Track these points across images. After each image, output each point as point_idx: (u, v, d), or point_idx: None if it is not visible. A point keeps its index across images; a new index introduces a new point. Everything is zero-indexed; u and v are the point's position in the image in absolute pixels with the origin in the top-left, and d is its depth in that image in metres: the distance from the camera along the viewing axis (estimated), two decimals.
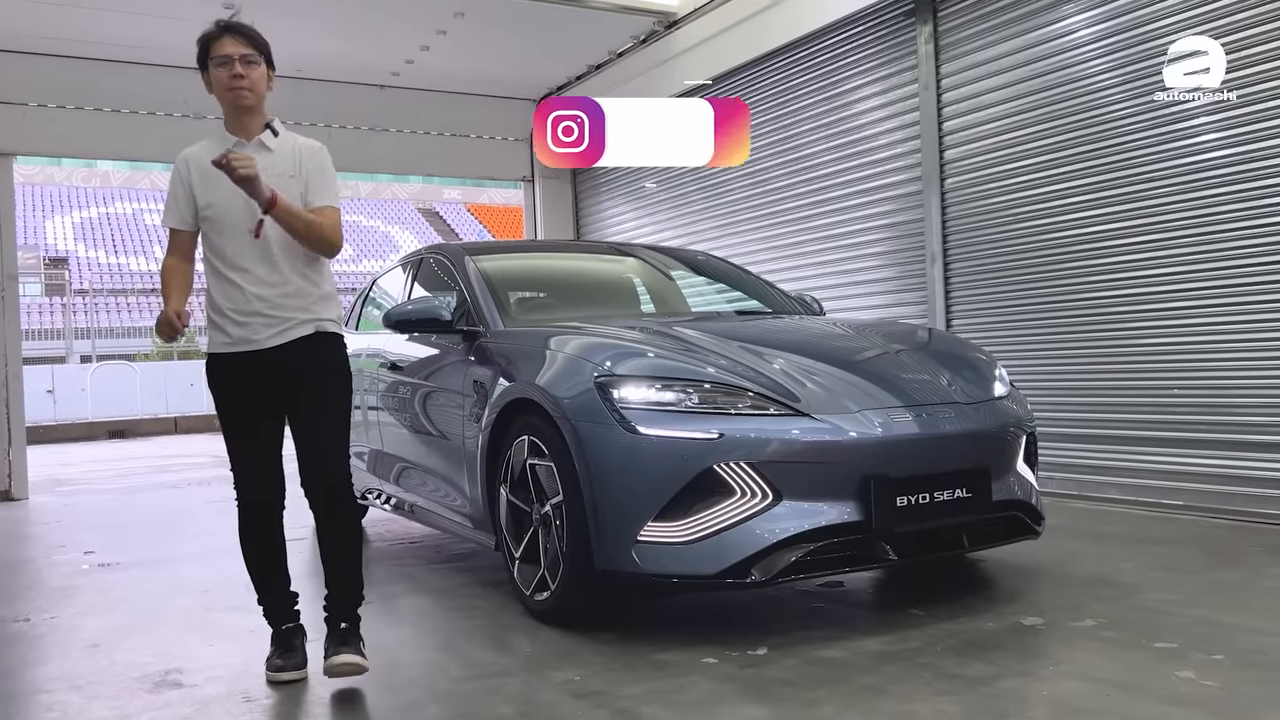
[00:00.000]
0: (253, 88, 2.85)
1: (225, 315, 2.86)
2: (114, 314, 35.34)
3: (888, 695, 2.51)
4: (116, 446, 14.54)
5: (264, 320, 2.85)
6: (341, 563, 2.94)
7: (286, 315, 2.86)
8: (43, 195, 43.39)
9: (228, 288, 2.86)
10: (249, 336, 2.84)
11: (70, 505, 7.42)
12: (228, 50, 2.84)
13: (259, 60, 2.87)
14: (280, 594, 2.98)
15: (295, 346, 2.87)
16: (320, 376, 2.91)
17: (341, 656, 2.76)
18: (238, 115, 2.90)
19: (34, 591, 4.37)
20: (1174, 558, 3.98)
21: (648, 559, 2.98)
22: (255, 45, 2.88)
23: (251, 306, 2.84)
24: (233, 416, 2.91)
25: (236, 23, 2.90)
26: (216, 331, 2.88)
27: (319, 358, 2.92)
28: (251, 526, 2.95)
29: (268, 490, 2.92)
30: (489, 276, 4.25)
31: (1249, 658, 2.70)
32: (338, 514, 2.92)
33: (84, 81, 7.99)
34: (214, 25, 2.90)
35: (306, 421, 2.91)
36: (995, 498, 3.27)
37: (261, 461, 2.91)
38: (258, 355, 2.85)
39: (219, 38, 2.86)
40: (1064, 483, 5.46)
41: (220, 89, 2.87)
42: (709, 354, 3.35)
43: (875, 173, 6.63)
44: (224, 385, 2.90)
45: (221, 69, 2.84)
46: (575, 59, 8.95)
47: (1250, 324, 4.66)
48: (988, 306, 5.92)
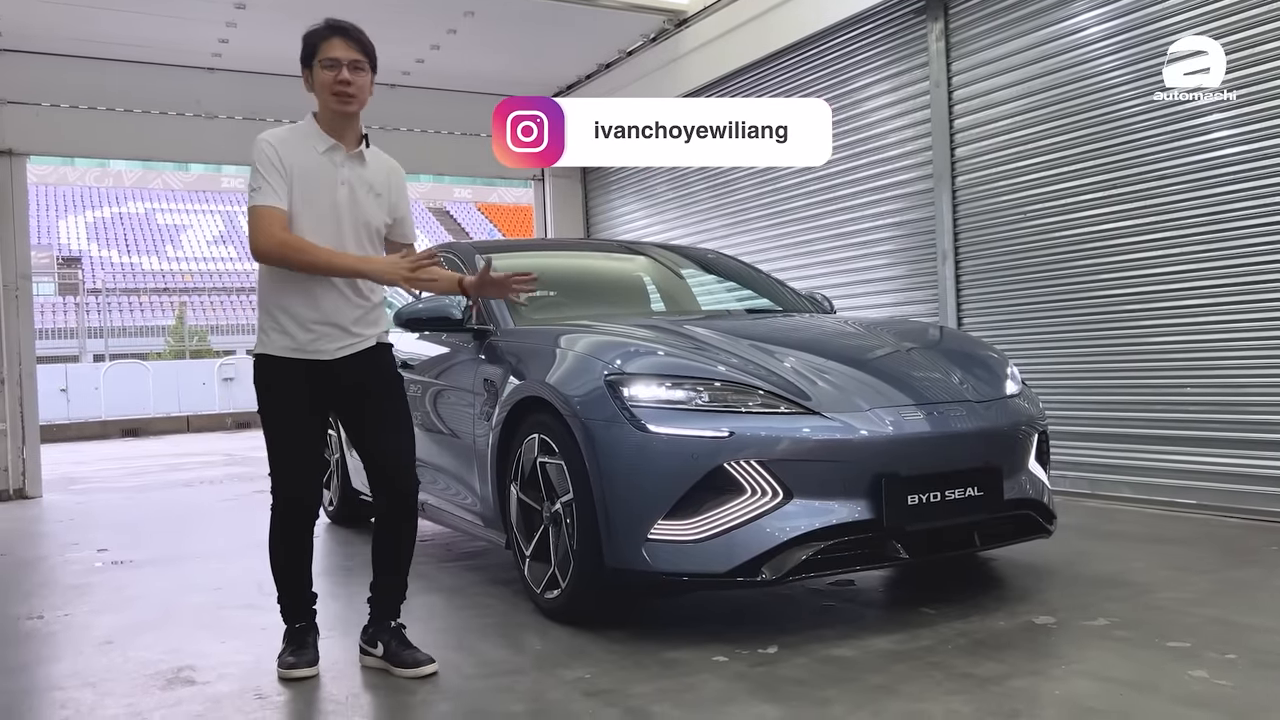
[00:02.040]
0: (358, 94, 2.83)
1: (293, 319, 2.81)
2: (127, 313, 35.54)
3: (899, 694, 2.51)
4: (129, 445, 14.61)
5: (337, 333, 2.84)
6: (405, 566, 3.02)
7: (358, 331, 2.88)
8: (56, 195, 43.65)
9: (301, 293, 2.80)
10: (317, 346, 2.83)
11: (84, 503, 7.45)
12: (337, 54, 2.80)
13: (366, 67, 2.85)
14: (301, 592, 2.99)
15: (358, 359, 2.89)
16: (386, 389, 2.96)
17: (425, 668, 2.83)
18: (337, 120, 2.85)
19: (48, 589, 4.40)
20: (1187, 557, 3.96)
21: (658, 557, 2.97)
22: (365, 51, 2.85)
23: (328, 318, 2.82)
24: (281, 418, 2.88)
25: (348, 24, 2.86)
26: (279, 334, 2.82)
27: (380, 369, 2.95)
28: (287, 526, 2.93)
29: (308, 491, 2.93)
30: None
31: (1262, 657, 2.69)
32: (412, 519, 3.00)
33: (96, 81, 8.02)
34: (324, 24, 2.85)
35: (381, 434, 2.94)
36: (1007, 496, 3.26)
37: (305, 463, 2.91)
38: (317, 364, 2.84)
39: (329, 38, 2.82)
40: (1076, 481, 5.43)
41: (324, 91, 2.82)
42: (719, 352, 3.34)
43: (886, 170, 6.61)
44: (277, 387, 2.86)
45: (328, 72, 2.80)
46: (586, 57, 8.95)
47: (1263, 321, 4.62)
48: (999, 304, 5.90)
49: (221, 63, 8.25)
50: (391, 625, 2.96)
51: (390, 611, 2.99)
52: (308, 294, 2.81)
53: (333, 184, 2.83)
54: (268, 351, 2.85)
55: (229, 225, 45.82)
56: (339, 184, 2.83)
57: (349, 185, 2.85)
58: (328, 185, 2.82)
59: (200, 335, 33.49)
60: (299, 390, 2.84)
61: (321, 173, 2.82)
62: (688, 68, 8.06)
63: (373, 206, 2.89)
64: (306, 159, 2.82)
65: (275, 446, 2.89)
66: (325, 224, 2.81)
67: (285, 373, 2.84)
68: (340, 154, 2.85)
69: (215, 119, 8.46)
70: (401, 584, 3.02)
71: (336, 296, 2.83)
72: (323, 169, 2.82)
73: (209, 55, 8.09)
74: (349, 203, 2.84)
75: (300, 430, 2.88)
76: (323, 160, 2.83)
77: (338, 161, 2.85)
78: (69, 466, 10.54)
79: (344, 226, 2.83)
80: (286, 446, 2.88)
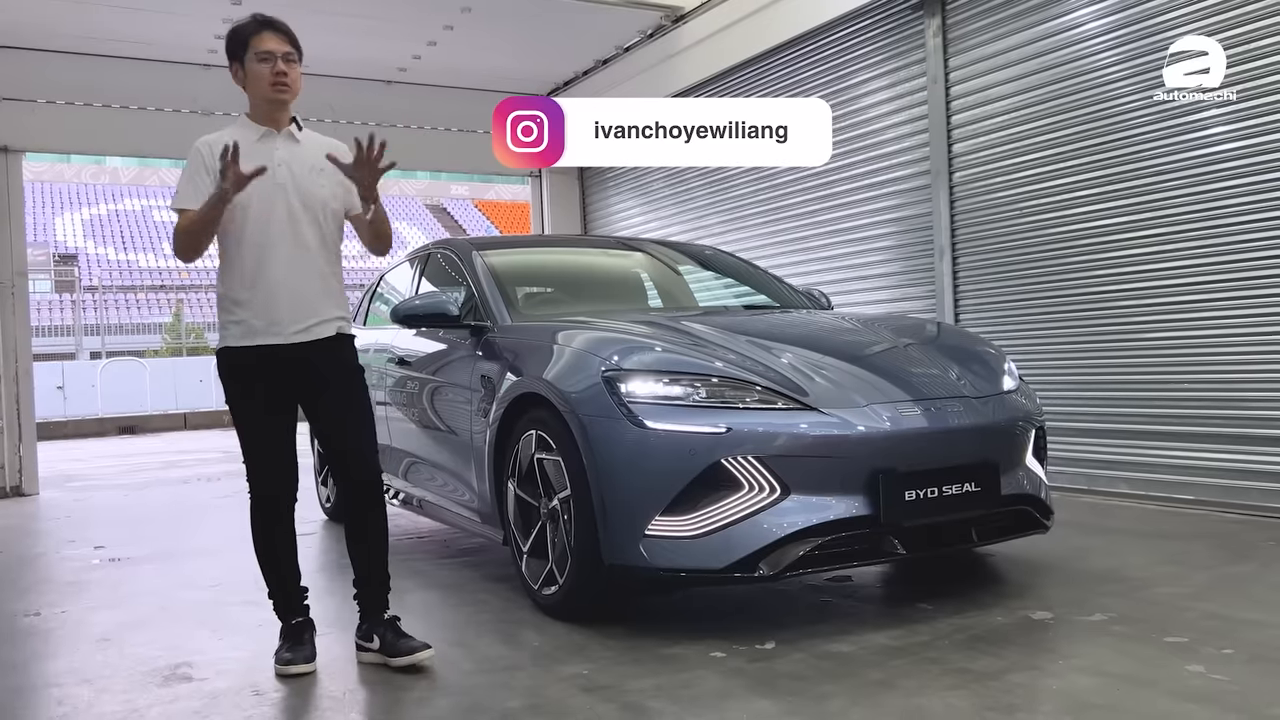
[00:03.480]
0: (293, 84, 2.91)
1: (247, 307, 2.85)
2: (123, 310, 35.46)
3: (896, 690, 2.51)
4: (126, 442, 14.59)
5: (292, 314, 2.85)
6: (383, 555, 3.02)
7: (313, 310, 2.89)
8: (52, 192, 43.55)
9: (252, 279, 2.85)
10: (274, 330, 2.85)
11: (80, 501, 7.44)
12: (270, 46, 2.87)
13: (297, 58, 2.92)
14: (291, 588, 3.00)
15: (316, 346, 2.89)
16: (345, 380, 2.97)
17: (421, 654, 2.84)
18: (272, 109, 2.93)
19: (45, 586, 4.39)
20: (1184, 552, 3.96)
21: (655, 553, 2.97)
22: (294, 43, 2.92)
23: (279, 298, 2.85)
24: (247, 411, 2.92)
25: (275, 18, 2.93)
26: (235, 324, 2.87)
27: (340, 360, 2.96)
28: (265, 520, 2.96)
29: (282, 484, 2.95)
30: (496, 271, 4.25)
31: (1260, 652, 2.69)
32: (378, 508, 3.02)
33: (92, 78, 8.00)
34: (251, 19, 2.92)
35: (339, 425, 2.97)
36: (1004, 492, 3.26)
37: (276, 455, 2.94)
38: (275, 350, 2.86)
39: (258, 32, 2.89)
40: (1074, 477, 5.44)
41: (260, 84, 2.88)
42: (716, 348, 3.34)
43: (883, 167, 6.60)
44: (239, 379, 2.90)
45: (264, 64, 2.87)
46: (582, 54, 8.93)
47: (1260, 317, 4.63)
48: (996, 300, 5.90)
49: (218, 59, 8.12)
50: (385, 617, 2.97)
51: (378, 604, 2.99)
52: (246, 276, 2.85)
53: (270, 167, 2.84)
54: (227, 344, 2.90)
55: None
56: (276, 165, 2.87)
57: (286, 165, 2.89)
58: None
59: (197, 332, 33.40)
60: (262, 382, 2.88)
61: (257, 158, 2.82)
62: (685, 64, 8.06)
63: (318, 182, 2.91)
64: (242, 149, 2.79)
65: (246, 442, 2.93)
66: (274, 207, 2.85)
67: (246, 363, 2.88)
68: (273, 138, 2.92)
69: (212, 115, 8.42)
70: (380, 575, 3.02)
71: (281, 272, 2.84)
72: (258, 155, 2.84)
73: (205, 51, 8.06)
74: (291, 182, 2.88)
75: (266, 423, 2.91)
76: (258, 147, 2.87)
77: (272, 145, 2.90)
78: (66, 464, 10.52)
79: (294, 206, 2.86)
80: (256, 441, 2.92)
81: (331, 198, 2.94)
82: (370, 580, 3.01)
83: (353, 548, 3.03)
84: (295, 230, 2.87)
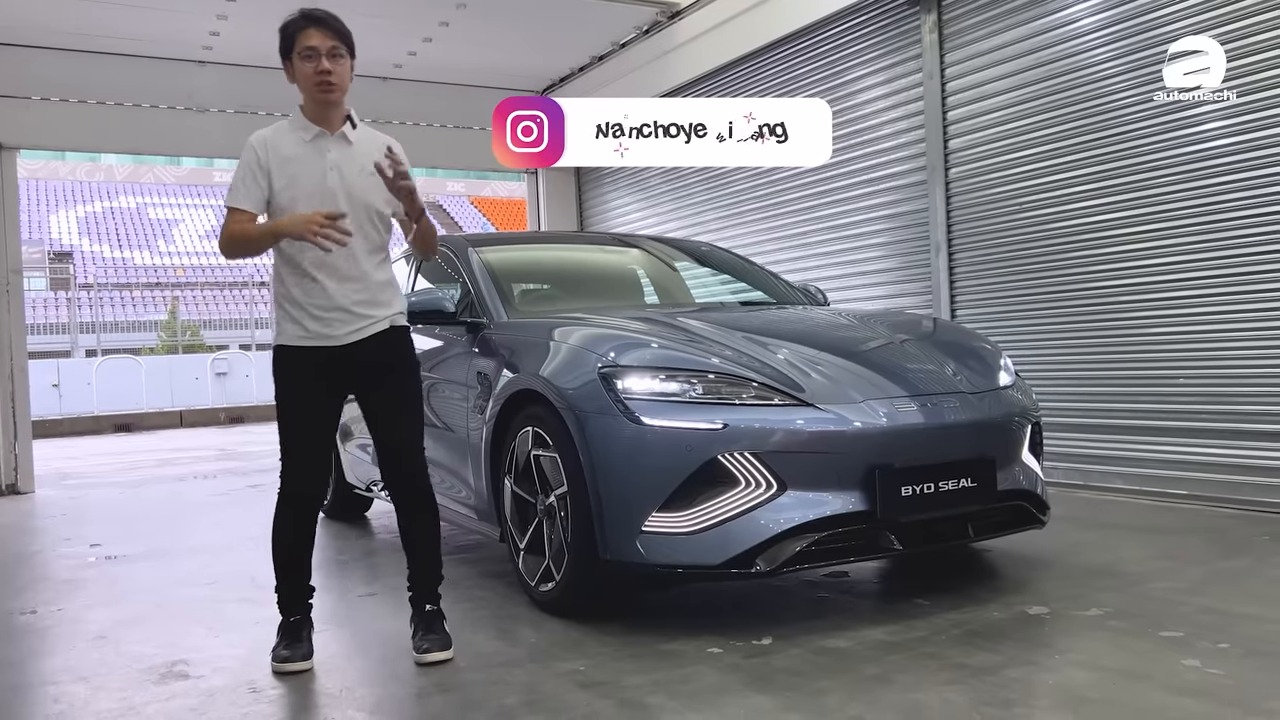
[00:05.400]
0: (339, 82, 2.85)
1: (304, 310, 2.86)
2: (119, 308, 35.39)
3: (893, 685, 2.51)
4: (122, 440, 14.57)
5: (345, 317, 2.86)
6: (432, 551, 3.04)
7: (366, 312, 2.89)
8: (46, 190, 43.46)
9: (307, 283, 2.85)
10: (327, 332, 2.86)
11: (76, 499, 7.43)
12: (314, 43, 2.82)
13: (345, 53, 2.87)
14: (300, 584, 3.00)
15: (371, 341, 2.90)
16: (400, 375, 2.98)
17: (432, 655, 2.85)
18: (321, 107, 2.89)
19: (41, 584, 4.39)
20: (1180, 547, 3.97)
21: (652, 549, 2.97)
22: (341, 38, 2.87)
23: (333, 302, 2.85)
24: (295, 408, 2.92)
25: (323, 13, 2.88)
26: (292, 324, 2.88)
27: (395, 353, 2.97)
28: (293, 517, 2.96)
29: (316, 482, 2.96)
30: (492, 268, 4.25)
31: (1255, 646, 2.70)
32: (429, 509, 3.04)
33: (86, 75, 7.97)
34: (298, 14, 2.87)
35: (391, 421, 2.97)
36: (1000, 487, 3.26)
37: (316, 454, 2.94)
38: (331, 350, 2.87)
39: (305, 28, 2.84)
40: (1069, 472, 5.45)
41: (306, 81, 2.85)
42: (713, 344, 3.34)
43: (879, 163, 6.60)
44: (292, 377, 2.90)
45: (308, 62, 2.83)
46: (578, 50, 8.92)
47: (1255, 313, 4.64)
48: (992, 296, 5.91)
49: (213, 55, 8.21)
50: (426, 609, 2.99)
51: (422, 595, 3.02)
52: (303, 280, 2.86)
53: (321, 170, 2.85)
54: (282, 342, 2.91)
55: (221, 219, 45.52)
56: (328, 169, 2.86)
57: (338, 169, 2.87)
58: (315, 172, 2.85)
59: (193, 330, 33.33)
60: (310, 379, 2.88)
61: (309, 161, 2.85)
62: (681, 60, 8.05)
63: (368, 185, 2.88)
64: (293, 150, 2.86)
65: (285, 438, 2.92)
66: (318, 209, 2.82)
67: (298, 362, 2.88)
68: (325, 139, 2.88)
69: (207, 112, 8.42)
70: (423, 568, 3.03)
71: (334, 276, 2.85)
72: (309, 157, 2.85)
73: (200, 48, 8.05)
74: (341, 186, 2.86)
75: (310, 422, 2.91)
76: (309, 149, 2.87)
77: (324, 147, 2.88)
78: (61, 462, 10.51)
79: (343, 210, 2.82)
80: (295, 438, 2.92)
81: (381, 202, 2.92)
82: (415, 569, 3.04)
83: (403, 538, 3.07)
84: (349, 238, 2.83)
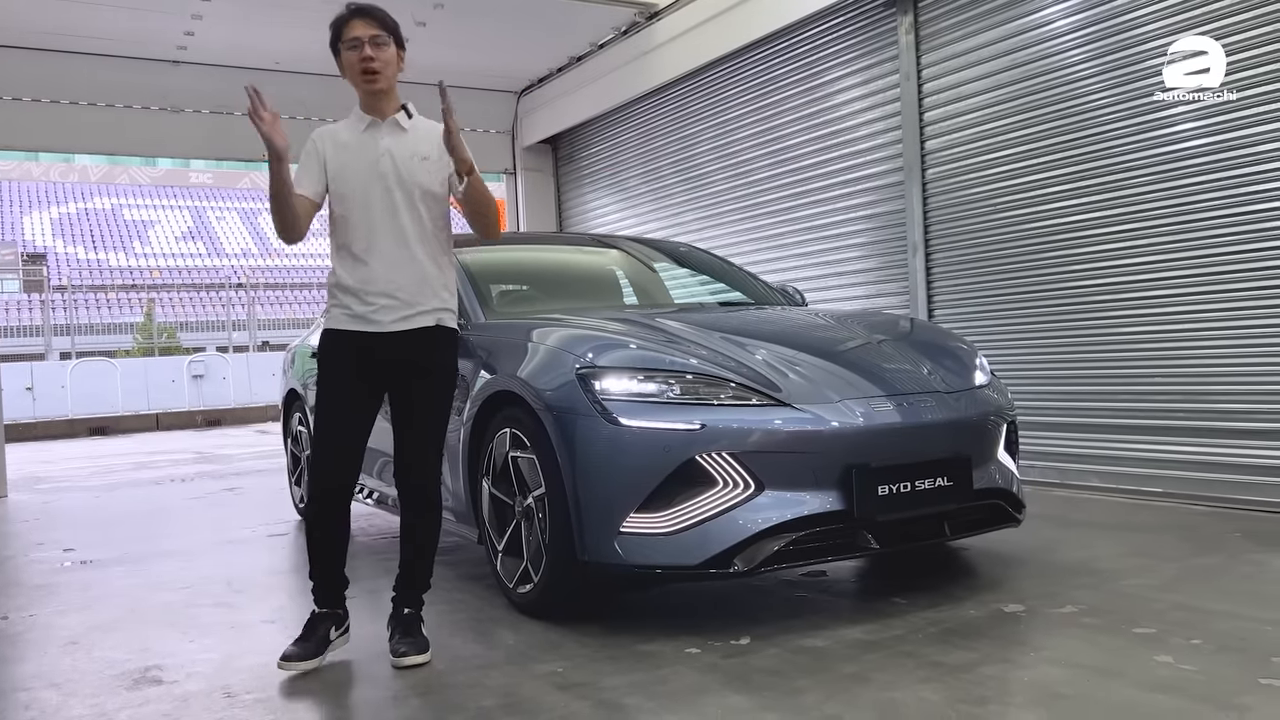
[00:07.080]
0: (383, 69, 2.89)
1: (351, 293, 2.88)
2: (93, 310, 35.07)
3: (870, 683, 2.52)
4: (97, 444, 14.41)
5: (391, 303, 2.86)
6: (423, 557, 3.02)
7: (413, 300, 2.89)
8: (20, 191, 43.00)
9: (357, 266, 2.88)
10: (374, 317, 2.87)
11: (50, 503, 7.35)
12: (357, 33, 2.87)
13: (388, 41, 2.90)
14: (329, 577, 2.98)
15: (415, 336, 2.90)
16: (436, 377, 2.97)
17: (409, 659, 2.83)
18: (371, 98, 2.93)
19: (13, 589, 4.33)
20: (1153, 544, 4.01)
21: (630, 550, 2.97)
22: (385, 26, 2.90)
23: (379, 287, 2.86)
24: (335, 394, 2.92)
25: (367, 4, 2.92)
26: (339, 308, 2.90)
27: (436, 355, 2.96)
28: (327, 512, 2.95)
29: (347, 474, 2.94)
30: (470, 269, 4.22)
31: (1227, 642, 2.72)
32: (430, 512, 3.02)
33: (60, 75, 7.90)
34: (345, 8, 2.91)
35: (414, 421, 2.96)
36: (976, 486, 3.28)
37: (350, 444, 2.93)
38: (376, 337, 2.87)
39: (349, 20, 2.89)
40: (1045, 471, 5.49)
41: (352, 72, 2.90)
42: (691, 345, 3.35)
43: (856, 164, 6.63)
44: (336, 362, 2.91)
45: (352, 52, 2.88)
46: (556, 51, 8.92)
47: (1227, 312, 4.69)
48: (969, 296, 5.94)
49: (187, 55, 8.15)
50: (404, 613, 2.98)
51: (405, 598, 3.01)
52: (353, 264, 2.88)
53: (374, 156, 2.90)
54: (329, 325, 2.93)
55: (197, 220, 45.27)
56: (380, 155, 2.91)
57: (390, 155, 2.91)
58: (369, 159, 2.91)
59: (169, 332, 33.07)
60: (351, 365, 2.89)
61: (362, 148, 2.92)
62: (659, 61, 8.06)
63: (421, 170, 2.92)
64: (349, 138, 2.94)
65: (319, 426, 2.94)
66: (373, 196, 2.88)
67: (346, 348, 2.90)
68: (378, 127, 2.94)
69: (182, 113, 8.36)
70: (410, 571, 3.02)
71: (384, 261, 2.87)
72: (363, 144, 2.92)
73: (174, 48, 7.98)
74: (393, 171, 2.90)
75: (351, 409, 2.91)
76: (364, 137, 2.94)
77: (377, 135, 2.93)
78: (35, 465, 10.38)
79: (394, 195, 2.89)
80: (330, 427, 2.92)
81: (435, 183, 2.93)
82: (402, 568, 3.03)
83: (400, 538, 3.05)
84: (395, 220, 2.88)
